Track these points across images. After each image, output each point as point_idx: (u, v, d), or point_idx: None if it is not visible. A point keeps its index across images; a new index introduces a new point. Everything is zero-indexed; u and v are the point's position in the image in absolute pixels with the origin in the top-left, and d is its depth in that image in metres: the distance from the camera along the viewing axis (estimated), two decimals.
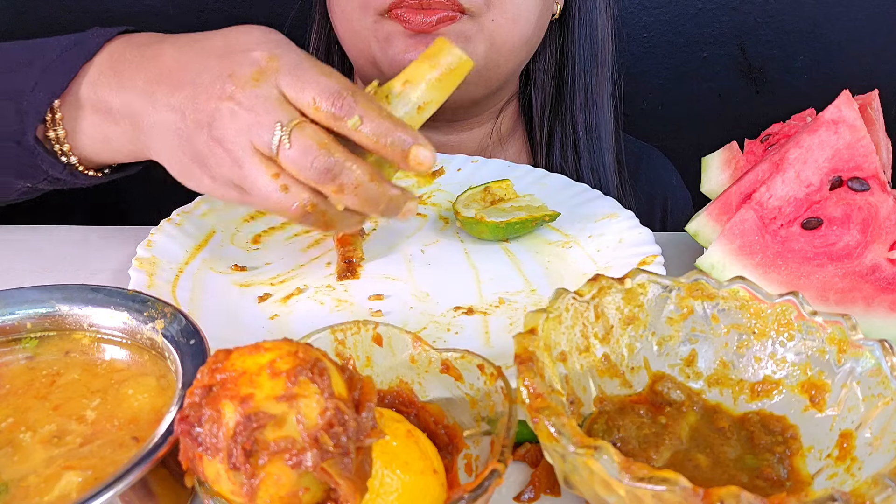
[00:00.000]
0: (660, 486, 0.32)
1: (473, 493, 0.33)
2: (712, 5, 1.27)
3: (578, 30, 0.87)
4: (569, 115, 0.88)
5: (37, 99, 0.58)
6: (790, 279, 0.55)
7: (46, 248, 0.67)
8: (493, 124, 0.90)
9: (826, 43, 1.28)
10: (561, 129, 0.89)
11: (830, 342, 0.43)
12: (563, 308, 0.43)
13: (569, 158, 0.88)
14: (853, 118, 0.56)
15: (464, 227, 0.68)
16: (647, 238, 0.63)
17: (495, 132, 0.90)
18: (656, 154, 1.03)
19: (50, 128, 0.60)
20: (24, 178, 0.63)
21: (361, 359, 0.43)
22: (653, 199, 0.96)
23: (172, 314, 0.45)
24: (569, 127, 0.88)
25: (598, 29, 0.87)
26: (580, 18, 0.86)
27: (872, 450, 0.38)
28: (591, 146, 0.88)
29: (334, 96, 0.50)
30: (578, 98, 0.88)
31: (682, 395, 0.45)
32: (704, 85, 1.32)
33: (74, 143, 0.60)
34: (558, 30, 0.88)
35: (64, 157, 0.61)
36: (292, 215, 0.51)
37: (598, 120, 0.89)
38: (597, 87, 0.88)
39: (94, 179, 0.63)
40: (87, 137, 0.60)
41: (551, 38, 0.87)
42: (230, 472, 0.31)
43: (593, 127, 0.89)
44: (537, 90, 0.89)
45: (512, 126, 0.93)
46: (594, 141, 0.89)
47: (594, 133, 0.89)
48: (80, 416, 0.42)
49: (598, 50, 0.87)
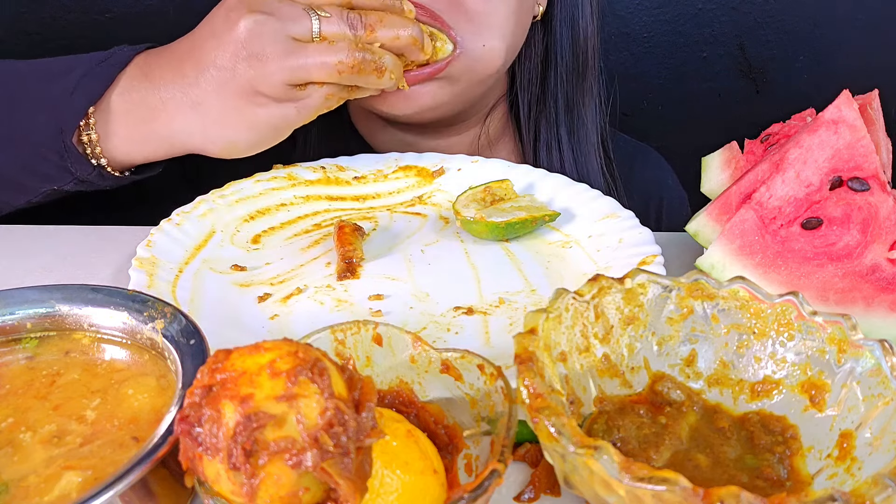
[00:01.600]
0: (660, 486, 0.32)
1: (473, 493, 0.33)
2: (712, 5, 1.27)
3: (560, 30, 0.86)
4: (553, 116, 0.88)
5: (75, 104, 0.64)
6: (790, 279, 0.55)
7: (46, 248, 0.67)
8: (481, 128, 0.90)
9: (826, 43, 1.28)
10: (546, 130, 0.89)
11: (830, 342, 0.43)
12: (563, 308, 0.43)
13: (554, 159, 0.88)
14: (853, 118, 0.56)
15: (464, 227, 0.68)
16: (647, 238, 0.63)
17: (483, 135, 0.90)
18: (652, 154, 1.02)
19: (84, 132, 0.65)
20: (51, 181, 0.68)
21: (361, 359, 0.43)
22: (647, 199, 0.96)
23: (172, 314, 0.45)
24: (553, 127, 0.88)
25: (581, 29, 0.87)
26: (562, 19, 0.86)
27: (872, 450, 0.38)
28: (574, 147, 0.88)
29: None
30: (561, 99, 0.88)
31: (682, 395, 0.45)
32: (704, 85, 1.32)
33: (106, 146, 0.66)
34: (542, 30, 0.87)
35: (94, 159, 0.66)
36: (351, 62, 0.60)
37: (581, 121, 0.88)
38: (580, 88, 0.88)
39: (119, 180, 0.69)
40: (120, 140, 0.65)
41: (536, 39, 0.87)
42: (230, 472, 0.31)
43: (576, 128, 0.88)
44: (523, 91, 0.89)
45: (501, 128, 0.93)
46: (578, 142, 0.88)
47: (578, 134, 0.88)
48: (80, 416, 0.42)
49: (580, 50, 0.87)
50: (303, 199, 0.73)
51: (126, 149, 0.66)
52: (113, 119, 0.64)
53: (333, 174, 0.76)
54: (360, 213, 0.73)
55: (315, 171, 0.76)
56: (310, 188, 0.74)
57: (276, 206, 0.72)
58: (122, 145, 0.66)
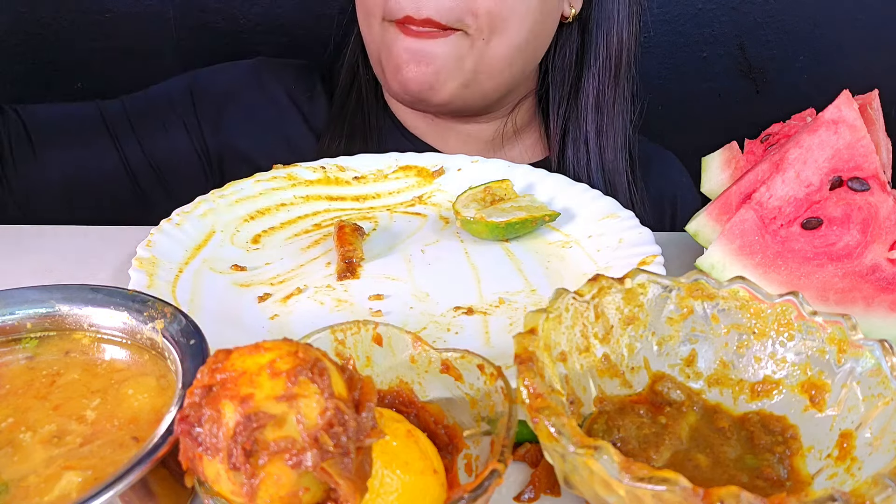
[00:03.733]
0: (660, 486, 0.32)
1: (473, 493, 0.33)
2: (712, 5, 1.27)
3: (596, 32, 0.88)
4: (582, 115, 0.89)
5: None
6: (790, 279, 0.55)
7: (46, 248, 0.67)
8: (507, 118, 0.92)
9: (826, 43, 1.28)
10: (574, 128, 0.90)
11: (830, 342, 0.43)
12: (563, 308, 0.43)
13: (581, 156, 0.89)
14: (853, 118, 0.56)
15: (464, 227, 0.68)
16: (647, 238, 0.63)
17: (510, 123, 0.92)
18: (668, 155, 1.04)
19: None
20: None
21: (361, 359, 0.43)
22: (662, 197, 0.98)
23: (172, 314, 0.45)
24: (582, 126, 0.90)
25: (617, 32, 0.88)
26: (598, 21, 0.87)
27: (872, 450, 0.38)
28: (602, 146, 0.89)
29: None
30: (592, 98, 0.89)
31: (682, 395, 0.45)
32: (704, 85, 1.32)
33: None
34: (578, 31, 0.89)
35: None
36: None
37: (610, 122, 0.90)
38: (612, 90, 0.89)
39: None
40: None
41: (571, 38, 0.89)
42: (230, 472, 0.31)
43: (605, 128, 0.89)
44: (554, 88, 0.91)
45: (528, 119, 0.95)
46: (606, 142, 0.90)
47: (606, 134, 0.90)
48: (80, 416, 0.42)
49: (614, 53, 0.88)
50: (303, 199, 0.73)
51: None
52: None
53: (333, 174, 0.76)
54: (360, 213, 0.73)
55: (315, 171, 0.76)
56: (310, 188, 0.74)
57: (276, 206, 0.72)
58: None
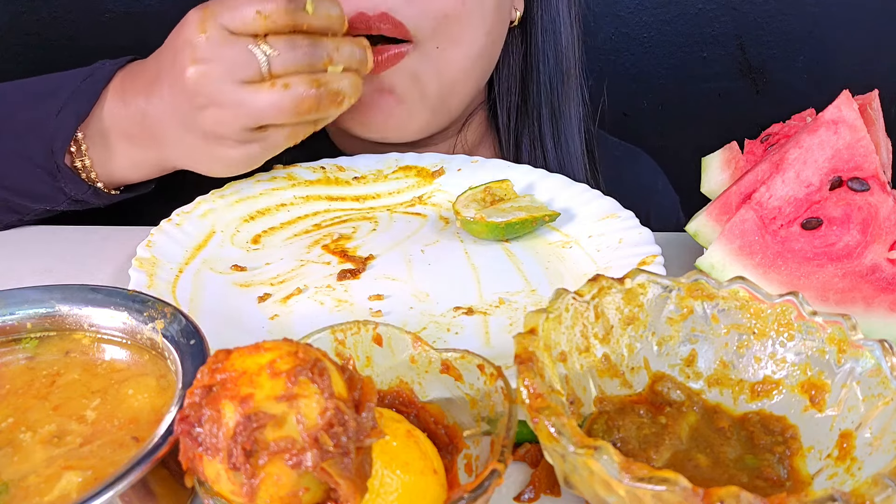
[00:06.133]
0: (660, 486, 0.32)
1: (473, 493, 0.33)
2: (712, 5, 1.27)
3: (541, 36, 0.83)
4: (536, 125, 0.85)
5: (63, 123, 0.64)
6: (790, 279, 0.55)
7: (46, 248, 0.67)
8: (457, 137, 0.87)
9: (826, 43, 1.28)
10: (528, 139, 0.86)
11: (830, 342, 0.43)
12: (563, 308, 0.43)
13: (539, 165, 0.85)
14: (853, 118, 0.56)
15: (464, 227, 0.68)
16: (647, 238, 0.63)
17: (460, 144, 0.87)
18: (642, 157, 1.00)
19: (76, 158, 0.65)
20: (45, 202, 0.68)
21: (361, 359, 0.43)
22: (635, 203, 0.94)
23: (172, 314, 0.45)
24: (536, 136, 0.86)
25: (562, 36, 0.84)
26: (542, 25, 0.83)
27: (872, 450, 0.38)
28: (559, 155, 0.86)
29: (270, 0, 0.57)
30: (545, 108, 0.85)
31: (682, 395, 0.45)
32: (704, 85, 1.32)
33: (101, 171, 0.66)
34: (520, 36, 0.85)
35: (90, 181, 0.66)
36: (308, 102, 0.58)
37: (565, 129, 0.86)
38: (563, 96, 0.85)
39: (114, 198, 0.69)
40: (117, 164, 0.66)
41: (514, 46, 0.84)
42: (230, 472, 0.31)
43: (561, 136, 0.86)
44: (502, 99, 0.86)
45: (480, 136, 0.90)
46: (562, 150, 0.86)
47: (562, 142, 0.86)
48: (80, 416, 0.42)
49: (562, 57, 0.84)
50: (303, 200, 0.73)
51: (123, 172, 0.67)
52: (105, 143, 0.65)
53: (333, 174, 0.76)
54: (360, 213, 0.73)
55: (315, 171, 0.76)
56: (310, 188, 0.74)
57: (276, 207, 0.72)
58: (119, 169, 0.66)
